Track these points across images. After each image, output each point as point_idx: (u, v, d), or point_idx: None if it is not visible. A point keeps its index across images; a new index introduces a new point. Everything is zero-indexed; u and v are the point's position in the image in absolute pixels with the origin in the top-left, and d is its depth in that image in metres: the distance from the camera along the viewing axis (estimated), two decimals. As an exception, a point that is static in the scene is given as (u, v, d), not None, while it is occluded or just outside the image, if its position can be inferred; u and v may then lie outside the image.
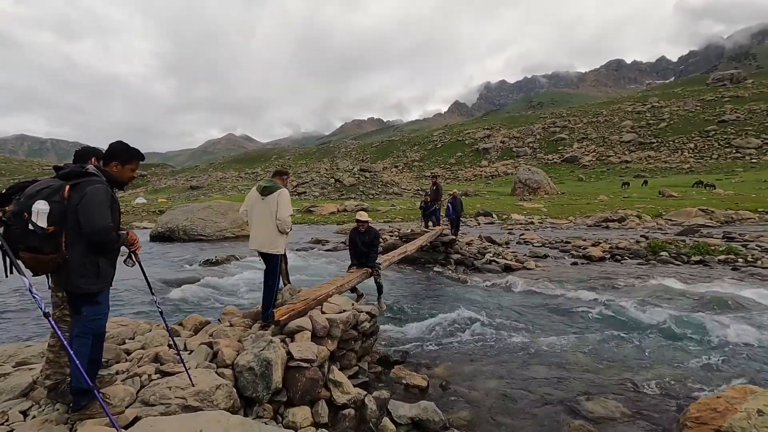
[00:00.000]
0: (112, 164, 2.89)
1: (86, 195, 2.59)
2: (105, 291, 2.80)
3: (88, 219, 2.55)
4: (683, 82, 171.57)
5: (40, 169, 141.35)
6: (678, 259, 12.63)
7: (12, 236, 2.52)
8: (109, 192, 2.76)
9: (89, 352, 2.70)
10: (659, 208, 29.86)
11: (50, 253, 2.57)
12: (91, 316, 2.71)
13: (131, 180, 3.06)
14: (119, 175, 2.91)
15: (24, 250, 2.54)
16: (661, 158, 77.51)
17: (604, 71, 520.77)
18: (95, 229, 2.55)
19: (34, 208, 2.49)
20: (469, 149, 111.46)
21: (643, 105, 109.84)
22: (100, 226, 2.56)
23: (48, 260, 2.59)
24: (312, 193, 60.11)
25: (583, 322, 6.89)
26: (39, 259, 2.58)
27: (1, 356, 3.94)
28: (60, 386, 2.94)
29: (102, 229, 2.57)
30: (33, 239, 2.50)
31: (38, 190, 2.56)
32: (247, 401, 3.38)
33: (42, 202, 2.51)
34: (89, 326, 2.71)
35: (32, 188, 2.60)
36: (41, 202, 2.51)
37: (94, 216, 2.56)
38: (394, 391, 4.42)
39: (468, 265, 12.06)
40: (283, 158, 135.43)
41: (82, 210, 2.56)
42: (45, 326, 6.43)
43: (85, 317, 2.70)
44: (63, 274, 2.66)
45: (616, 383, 4.65)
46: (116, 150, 2.91)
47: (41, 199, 2.52)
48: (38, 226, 2.48)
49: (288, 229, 4.55)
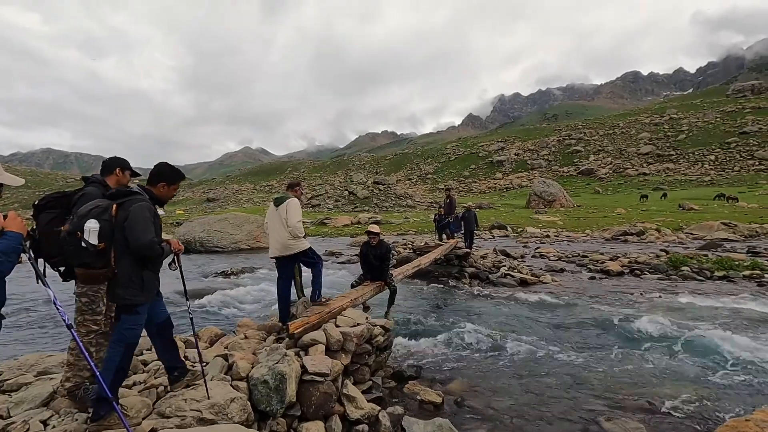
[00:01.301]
0: (161, 184, 3.11)
1: (131, 213, 2.79)
2: (146, 303, 2.95)
3: (134, 235, 2.74)
4: (702, 93, 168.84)
5: (64, 182, 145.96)
6: (700, 274, 12.26)
7: (67, 253, 2.74)
8: (152, 209, 2.95)
9: (119, 361, 2.82)
10: (679, 222, 29.15)
11: (101, 268, 2.79)
12: (127, 325, 2.85)
13: (172, 198, 3.28)
14: (164, 194, 3.14)
15: (78, 266, 2.79)
16: (680, 170, 75.94)
17: (620, 83, 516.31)
18: (141, 245, 2.74)
19: (86, 226, 2.70)
20: (483, 162, 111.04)
21: (661, 117, 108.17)
22: (145, 242, 2.75)
23: (99, 275, 2.84)
24: (326, 206, 60.51)
25: (602, 339, 6.72)
26: (91, 274, 2.84)
27: (23, 366, 4.03)
28: (79, 390, 3.05)
29: (146, 244, 2.76)
30: (86, 256, 2.72)
31: (89, 210, 2.77)
32: (261, 415, 3.38)
33: (93, 221, 2.72)
34: (124, 334, 2.84)
35: (84, 208, 2.79)
36: (92, 221, 2.72)
37: (139, 232, 2.75)
38: (408, 407, 4.36)
39: (483, 279, 11.93)
40: (298, 171, 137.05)
41: (128, 227, 2.76)
42: (66, 336, 6.57)
43: (121, 325, 2.85)
44: (111, 287, 2.86)
45: (637, 403, 4.50)
46: (165, 171, 3.13)
47: (92, 219, 2.72)
48: (90, 243, 2.69)
49: (300, 234, 4.94)
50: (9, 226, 2.11)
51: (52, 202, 3.05)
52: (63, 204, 3.08)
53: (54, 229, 2.89)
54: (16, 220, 2.15)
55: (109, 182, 3.33)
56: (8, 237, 2.06)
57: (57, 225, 2.95)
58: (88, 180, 3.26)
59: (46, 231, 2.95)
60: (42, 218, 3.00)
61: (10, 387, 3.52)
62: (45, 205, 3.02)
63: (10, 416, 3.05)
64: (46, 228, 2.97)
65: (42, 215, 3.01)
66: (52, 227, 2.95)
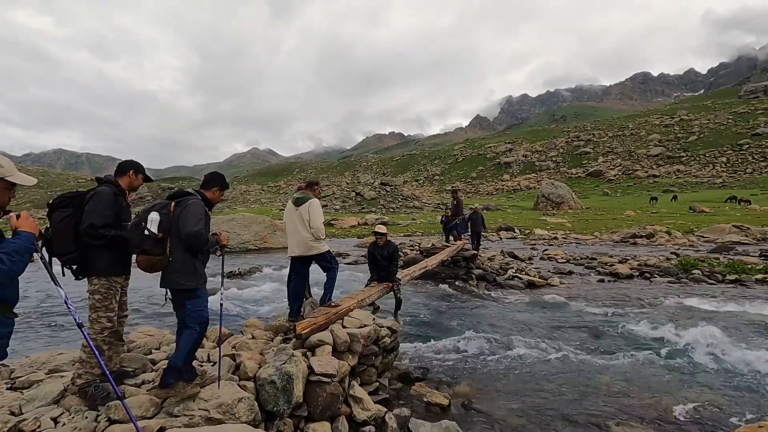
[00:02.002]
0: (215, 189, 3.64)
1: (186, 207, 3.24)
2: (202, 287, 3.35)
3: (184, 224, 3.17)
4: (714, 94, 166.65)
5: (75, 182, 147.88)
6: (712, 277, 12.09)
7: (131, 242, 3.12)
8: (204, 206, 3.37)
9: (194, 342, 3.25)
10: (690, 224, 28.78)
11: (159, 255, 3.13)
12: (193, 309, 3.25)
13: (219, 202, 3.82)
14: (215, 198, 3.64)
15: (140, 253, 3.11)
16: (691, 172, 74.95)
17: (629, 84, 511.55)
18: (189, 232, 3.14)
19: (149, 218, 3.10)
20: (491, 163, 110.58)
21: (672, 118, 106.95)
22: (193, 231, 3.14)
23: (157, 261, 3.15)
24: (333, 207, 60.65)
25: (611, 342, 6.65)
26: (151, 260, 3.14)
27: (35, 363, 4.09)
28: (89, 387, 3.13)
29: (193, 233, 3.14)
30: (147, 243, 3.09)
31: (152, 206, 3.21)
32: (268, 415, 3.38)
33: (155, 213, 3.13)
34: (194, 317, 3.25)
35: (148, 205, 3.24)
36: (154, 213, 3.13)
37: (189, 223, 3.17)
38: (414, 409, 4.35)
39: (490, 281, 11.87)
40: (306, 172, 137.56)
41: (181, 218, 3.19)
42: (77, 335, 6.65)
43: (189, 310, 3.25)
44: (168, 274, 3.21)
45: (646, 407, 4.45)
46: (219, 179, 3.70)
47: (155, 211, 3.14)
48: (151, 231, 3.08)
49: (322, 236, 4.95)
50: (22, 225, 2.14)
51: (65, 201, 3.18)
52: (75, 203, 3.19)
53: (66, 226, 3.07)
54: (28, 220, 2.19)
55: (121, 183, 3.45)
56: (21, 237, 2.09)
57: (69, 223, 3.11)
58: (101, 180, 3.39)
59: (59, 229, 3.10)
60: (55, 216, 3.13)
61: (21, 384, 3.56)
62: (58, 204, 3.16)
63: (21, 413, 3.09)
64: (58, 226, 3.11)
65: (55, 214, 3.13)
66: (64, 225, 3.10)
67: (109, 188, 3.31)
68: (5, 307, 2.08)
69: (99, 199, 3.20)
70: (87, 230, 3.09)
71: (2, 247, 2.00)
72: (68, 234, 3.11)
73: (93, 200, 3.18)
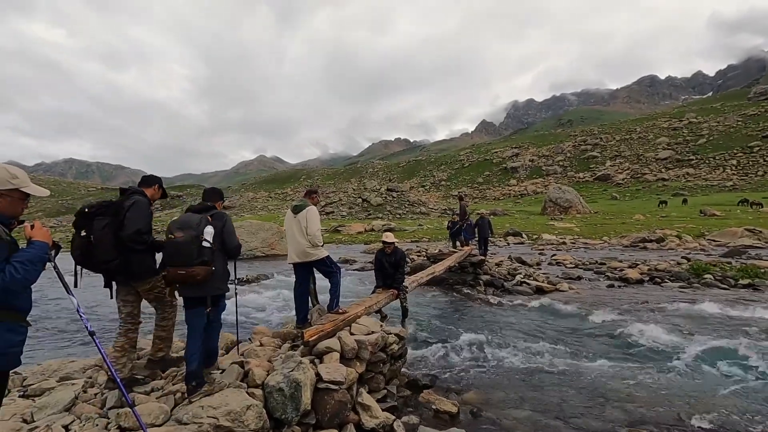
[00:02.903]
0: (220, 202, 3.97)
1: (227, 223, 3.61)
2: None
3: (231, 239, 3.60)
4: (722, 96, 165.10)
5: (86, 191, 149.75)
6: (724, 282, 11.91)
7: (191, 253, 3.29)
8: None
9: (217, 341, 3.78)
10: (701, 228, 28.42)
11: (211, 265, 3.36)
12: (220, 311, 3.69)
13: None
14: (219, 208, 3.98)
15: (199, 263, 3.29)
16: (701, 176, 74.10)
17: (636, 87, 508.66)
18: (236, 246, 3.63)
19: (206, 230, 3.38)
20: (497, 168, 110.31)
21: (680, 121, 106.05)
22: (239, 244, 3.67)
23: (210, 271, 3.34)
24: (340, 213, 60.77)
25: (621, 349, 6.56)
26: (208, 270, 3.32)
27: (46, 371, 4.13)
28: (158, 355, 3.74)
29: (239, 246, 3.68)
30: (206, 253, 3.33)
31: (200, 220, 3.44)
32: (276, 422, 3.38)
33: (210, 227, 3.43)
34: (218, 319, 3.68)
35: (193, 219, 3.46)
36: (209, 227, 3.42)
37: (235, 238, 3.64)
38: (423, 416, 4.32)
39: (498, 287, 11.79)
40: (312, 178, 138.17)
41: (226, 233, 3.58)
42: (89, 343, 6.71)
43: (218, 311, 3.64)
44: (211, 281, 3.40)
45: (659, 415, 4.37)
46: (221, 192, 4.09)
47: (209, 225, 3.43)
48: (210, 243, 3.36)
49: (319, 243, 5.01)
50: (35, 235, 2.18)
51: (102, 210, 3.39)
52: (111, 211, 3.41)
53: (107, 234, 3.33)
54: (42, 230, 2.23)
55: (146, 193, 3.73)
56: (35, 246, 2.13)
57: (110, 230, 3.35)
58: (130, 191, 3.63)
59: (101, 237, 3.32)
60: (96, 224, 3.33)
61: (33, 392, 3.60)
62: (96, 212, 3.37)
63: (33, 420, 3.13)
64: (100, 234, 3.33)
65: (96, 222, 3.34)
66: (105, 233, 3.33)
67: (145, 198, 3.60)
68: (18, 315, 2.11)
69: (140, 208, 3.47)
70: (133, 236, 3.36)
71: (16, 256, 2.04)
72: (110, 241, 3.33)
73: (134, 209, 3.43)
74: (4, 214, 2.11)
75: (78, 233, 3.37)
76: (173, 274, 3.31)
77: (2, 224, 2.07)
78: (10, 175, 2.15)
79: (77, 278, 3.30)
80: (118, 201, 3.52)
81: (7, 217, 2.13)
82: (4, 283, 1.92)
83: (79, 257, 3.36)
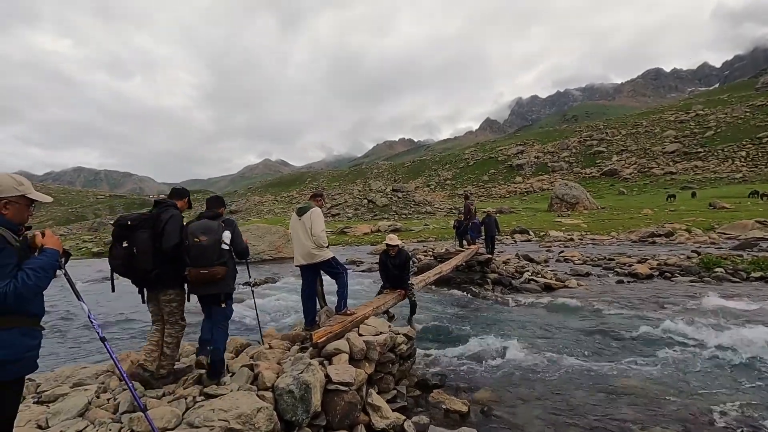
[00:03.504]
0: (223, 209, 4.34)
1: (236, 228, 4.06)
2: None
3: (240, 242, 4.03)
4: (729, 87, 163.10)
5: (95, 198, 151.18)
6: (735, 275, 11.76)
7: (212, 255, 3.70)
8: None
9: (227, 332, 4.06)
10: (711, 221, 28.08)
11: (226, 266, 3.77)
12: (230, 308, 4.03)
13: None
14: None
15: (219, 264, 3.70)
16: (709, 168, 73.22)
17: (641, 81, 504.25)
18: (244, 248, 4.10)
19: (224, 235, 3.82)
20: (502, 166, 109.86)
21: (687, 114, 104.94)
22: (246, 246, 4.14)
23: (226, 270, 3.77)
24: (346, 214, 60.84)
25: (632, 345, 6.50)
26: (226, 270, 3.76)
27: (59, 377, 4.17)
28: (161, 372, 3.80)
29: (246, 248, 4.14)
30: (225, 255, 3.79)
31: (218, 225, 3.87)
32: (287, 425, 3.39)
33: (227, 232, 3.87)
34: (227, 314, 4.00)
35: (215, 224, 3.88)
36: (227, 232, 3.86)
37: (242, 242, 4.08)
38: (433, 416, 4.31)
39: (506, 285, 11.74)
40: (317, 181, 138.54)
41: (235, 236, 3.97)
42: (99, 348, 6.78)
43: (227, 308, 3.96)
44: (224, 280, 3.82)
45: (674, 412, 4.31)
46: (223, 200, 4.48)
47: (227, 230, 3.88)
48: (228, 245, 3.83)
49: (324, 244, 5.02)
50: (47, 243, 2.22)
51: (143, 223, 3.67)
52: (149, 225, 3.69)
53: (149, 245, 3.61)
54: (53, 238, 2.28)
55: (178, 205, 4.01)
56: (47, 254, 2.18)
57: (151, 242, 3.61)
58: (164, 204, 3.89)
59: (144, 248, 3.58)
60: (139, 236, 3.60)
61: (47, 398, 3.64)
62: (137, 225, 3.63)
63: (48, 426, 3.16)
64: (143, 245, 3.59)
65: (138, 234, 3.61)
66: (147, 245, 3.59)
67: (178, 212, 3.89)
68: (32, 320, 2.15)
69: (177, 222, 3.76)
70: (174, 249, 3.64)
71: (28, 263, 2.08)
72: (151, 252, 3.59)
73: (172, 222, 3.70)
74: (12, 221, 2.16)
75: (119, 244, 3.61)
76: (195, 274, 3.68)
77: (11, 231, 2.11)
78: (16, 182, 2.20)
79: (113, 283, 3.71)
80: (155, 214, 3.76)
81: (15, 223, 2.17)
82: (16, 289, 1.96)
83: (120, 267, 3.62)
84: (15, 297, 1.95)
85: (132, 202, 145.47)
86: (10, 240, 2.06)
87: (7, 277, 1.98)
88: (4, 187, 2.14)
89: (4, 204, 2.14)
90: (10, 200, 2.15)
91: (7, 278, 1.97)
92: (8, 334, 2.01)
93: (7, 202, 2.14)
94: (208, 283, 3.75)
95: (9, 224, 2.12)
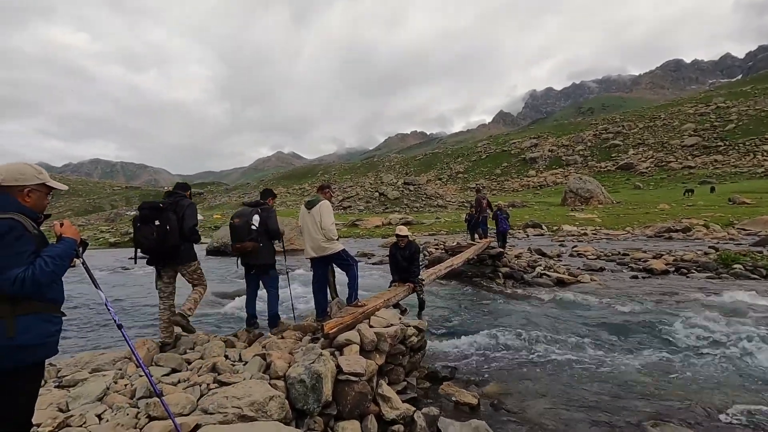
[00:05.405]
0: (270, 198, 5.50)
1: (271, 213, 5.16)
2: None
3: (273, 224, 5.09)
4: (753, 79, 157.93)
5: (111, 190, 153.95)
6: (755, 272, 11.49)
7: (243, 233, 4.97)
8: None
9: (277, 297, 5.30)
10: (730, 217, 27.45)
11: (258, 242, 4.96)
12: (275, 276, 5.31)
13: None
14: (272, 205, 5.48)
15: (249, 240, 4.94)
16: (729, 162, 71.34)
17: (660, 73, 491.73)
18: (275, 229, 5.12)
19: (253, 218, 4.99)
20: (516, 159, 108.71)
21: (707, 106, 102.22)
22: (278, 228, 5.18)
23: (255, 246, 4.96)
24: (357, 207, 60.98)
25: (646, 342, 6.42)
26: (255, 245, 4.95)
27: (79, 363, 4.30)
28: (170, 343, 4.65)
29: (277, 230, 5.17)
30: (254, 234, 4.97)
31: (251, 211, 5.10)
32: (298, 413, 3.44)
33: (256, 215, 5.03)
34: (274, 284, 5.30)
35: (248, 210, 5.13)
36: (256, 216, 5.02)
37: (276, 224, 5.14)
38: (443, 408, 4.33)
39: (517, 279, 11.67)
40: (329, 173, 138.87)
41: (270, 220, 5.08)
42: (116, 334, 6.95)
43: (272, 277, 5.28)
44: (259, 254, 5.04)
45: (686, 408, 4.27)
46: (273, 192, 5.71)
47: (256, 214, 5.03)
48: (256, 226, 4.98)
49: (334, 236, 5.08)
50: (65, 232, 2.28)
51: (170, 206, 4.36)
52: (173, 208, 4.38)
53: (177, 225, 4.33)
54: (71, 227, 2.34)
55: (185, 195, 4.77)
56: (65, 242, 2.23)
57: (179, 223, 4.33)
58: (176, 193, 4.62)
59: (174, 227, 4.27)
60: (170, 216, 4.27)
61: (68, 383, 3.76)
62: (167, 208, 4.32)
63: (69, 410, 3.26)
64: (174, 224, 4.28)
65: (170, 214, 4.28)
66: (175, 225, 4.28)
67: (191, 200, 4.66)
68: (52, 305, 2.21)
69: (194, 208, 4.56)
70: (193, 228, 4.46)
71: (47, 251, 2.14)
72: (178, 231, 4.30)
73: (191, 208, 4.50)
74: (33, 209, 2.21)
75: (151, 223, 4.23)
76: (234, 247, 5.00)
77: (31, 219, 2.16)
78: (36, 171, 2.26)
79: (136, 258, 4.47)
80: (174, 201, 4.47)
81: (35, 212, 2.23)
82: (34, 275, 2.01)
83: (154, 241, 4.22)
84: (33, 283, 2.00)
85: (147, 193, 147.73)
86: (29, 227, 2.11)
87: (25, 263, 2.03)
88: (27, 176, 2.20)
89: (27, 192, 2.19)
90: (32, 189, 2.21)
91: (25, 264, 2.02)
92: (27, 320, 2.06)
93: (30, 191, 2.20)
94: (248, 254, 4.99)
95: (29, 212, 2.18)
